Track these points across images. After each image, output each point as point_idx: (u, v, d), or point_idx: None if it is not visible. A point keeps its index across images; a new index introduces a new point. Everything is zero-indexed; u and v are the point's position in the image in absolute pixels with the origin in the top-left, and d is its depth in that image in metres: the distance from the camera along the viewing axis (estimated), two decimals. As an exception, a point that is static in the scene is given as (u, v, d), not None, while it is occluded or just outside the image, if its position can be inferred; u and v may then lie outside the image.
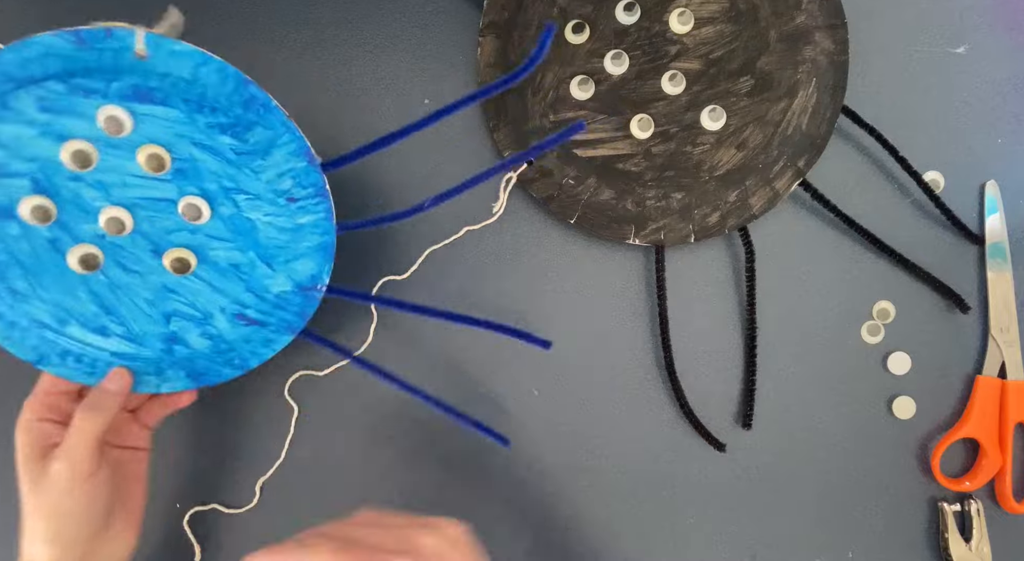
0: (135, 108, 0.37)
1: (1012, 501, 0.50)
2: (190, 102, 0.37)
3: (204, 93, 0.37)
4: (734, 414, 0.52)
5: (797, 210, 0.52)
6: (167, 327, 0.42)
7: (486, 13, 0.50)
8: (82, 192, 0.38)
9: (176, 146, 0.38)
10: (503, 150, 0.51)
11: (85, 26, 0.35)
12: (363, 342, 0.52)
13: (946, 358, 0.52)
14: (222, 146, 0.38)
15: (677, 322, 0.52)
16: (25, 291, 0.39)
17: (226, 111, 0.38)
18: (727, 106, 0.49)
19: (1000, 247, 0.51)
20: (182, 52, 0.36)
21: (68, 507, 0.40)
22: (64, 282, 0.39)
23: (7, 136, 0.37)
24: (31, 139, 0.37)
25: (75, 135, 0.37)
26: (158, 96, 0.37)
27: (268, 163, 0.39)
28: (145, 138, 0.38)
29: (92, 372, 0.42)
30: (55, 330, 0.40)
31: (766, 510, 0.52)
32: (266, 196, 0.40)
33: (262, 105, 0.38)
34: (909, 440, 0.52)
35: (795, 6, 0.48)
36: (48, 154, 0.37)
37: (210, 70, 0.37)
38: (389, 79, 0.53)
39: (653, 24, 0.49)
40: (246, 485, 0.52)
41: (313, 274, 0.42)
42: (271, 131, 0.39)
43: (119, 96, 0.37)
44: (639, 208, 0.50)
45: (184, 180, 0.39)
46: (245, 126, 0.38)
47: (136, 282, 0.41)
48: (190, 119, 0.38)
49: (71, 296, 0.40)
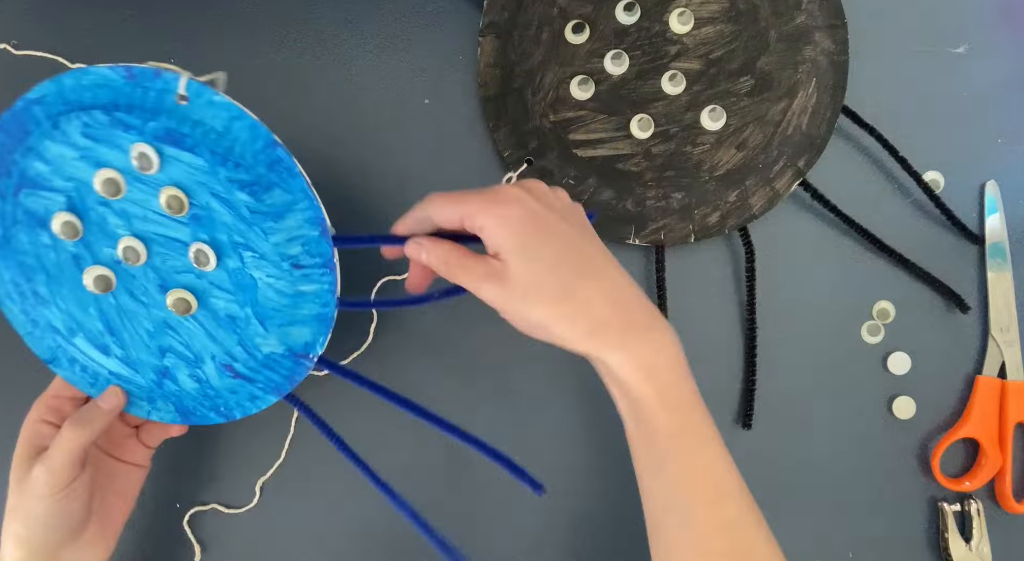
0: (165, 150, 0.38)
1: (1012, 501, 0.50)
2: (216, 154, 0.38)
3: (232, 147, 0.38)
4: (734, 414, 0.52)
5: (797, 210, 0.52)
6: (161, 361, 0.42)
7: (486, 13, 0.50)
8: (107, 218, 0.40)
9: (196, 193, 0.39)
10: (503, 150, 0.51)
11: (139, 64, 0.38)
12: (363, 342, 0.52)
13: (946, 358, 0.52)
14: (238, 202, 0.39)
15: (677, 322, 0.51)
16: (46, 296, 0.41)
17: (249, 168, 0.38)
18: (727, 106, 0.49)
19: (1000, 247, 0.51)
20: (219, 103, 0.38)
21: (40, 512, 0.40)
22: (79, 296, 0.41)
23: (52, 154, 0.39)
24: (71, 160, 0.39)
25: (109, 164, 0.39)
26: (188, 143, 0.38)
27: (280, 226, 0.39)
28: (169, 179, 0.39)
29: (94, 383, 0.43)
30: (65, 338, 0.42)
31: (766, 510, 0.52)
32: (271, 258, 0.40)
33: (286, 169, 0.39)
34: (909, 440, 0.52)
35: (795, 6, 0.48)
36: (83, 177, 0.39)
37: (243, 126, 0.38)
38: (389, 79, 0.53)
39: (653, 24, 0.49)
40: (246, 485, 0.52)
41: (307, 342, 0.42)
42: (289, 195, 0.39)
43: (153, 136, 0.38)
44: (639, 208, 0.50)
45: (198, 226, 0.39)
46: (264, 187, 0.39)
47: (141, 312, 0.41)
48: (212, 170, 0.38)
49: (82, 311, 0.41)
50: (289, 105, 0.53)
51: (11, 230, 0.40)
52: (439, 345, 0.52)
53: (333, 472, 0.52)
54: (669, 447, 0.38)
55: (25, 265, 0.41)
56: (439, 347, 0.52)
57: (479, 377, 0.52)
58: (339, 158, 0.53)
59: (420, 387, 0.52)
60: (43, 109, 0.39)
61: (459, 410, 0.52)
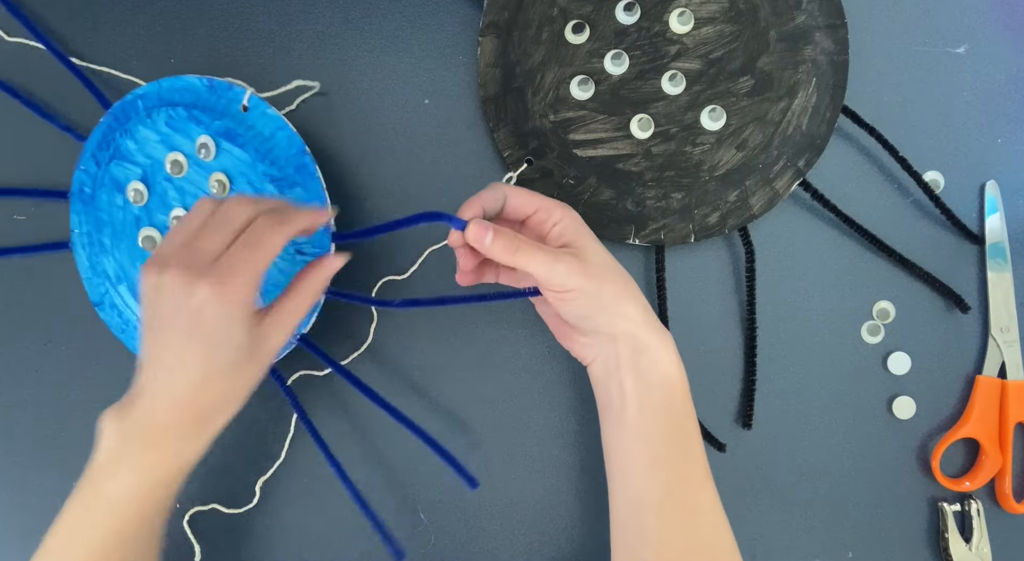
0: (222, 143, 0.47)
1: (1012, 501, 0.50)
2: (259, 152, 0.47)
3: (272, 149, 0.47)
4: (734, 414, 0.52)
5: (797, 210, 0.52)
6: None
7: (486, 13, 0.50)
8: (168, 191, 0.48)
9: (236, 180, 0.47)
10: (503, 150, 0.51)
11: (219, 78, 0.48)
12: (364, 342, 0.52)
13: (946, 358, 0.52)
14: (266, 192, 0.47)
15: (677, 322, 0.52)
16: (108, 247, 0.50)
17: (281, 167, 0.47)
18: (727, 106, 0.49)
19: (1000, 247, 0.51)
20: (270, 116, 0.48)
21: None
22: (131, 250, 0.49)
23: (141, 136, 0.48)
24: (154, 142, 0.48)
25: (179, 149, 0.48)
26: (240, 140, 0.47)
27: None
28: (220, 167, 0.47)
29: (124, 329, 0.51)
30: (112, 284, 0.50)
31: (766, 510, 0.52)
32: None
33: (309, 173, 0.47)
34: (909, 440, 0.52)
35: (795, 6, 0.48)
36: (159, 156, 0.48)
37: (284, 135, 0.48)
38: (389, 79, 0.53)
39: (653, 24, 0.49)
40: (246, 485, 0.52)
41: None
42: (307, 194, 0.47)
43: (216, 132, 0.47)
44: (639, 208, 0.50)
45: None
46: (289, 184, 0.47)
47: None
48: (253, 164, 0.47)
49: (131, 263, 0.49)
50: (289, 105, 0.53)
51: (98, 191, 0.49)
52: (439, 346, 0.52)
53: (333, 472, 0.52)
54: (691, 433, 0.42)
55: (100, 220, 0.50)
56: (439, 348, 0.52)
57: (479, 378, 0.52)
58: (339, 158, 0.53)
59: (420, 388, 0.52)
60: (144, 102, 0.49)
61: (459, 411, 0.53)
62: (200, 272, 0.37)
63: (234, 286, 0.37)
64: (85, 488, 0.40)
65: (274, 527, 0.52)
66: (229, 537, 0.52)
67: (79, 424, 0.53)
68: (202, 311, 0.37)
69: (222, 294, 0.37)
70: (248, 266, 0.38)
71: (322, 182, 0.47)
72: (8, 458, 0.55)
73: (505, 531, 0.52)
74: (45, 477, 0.54)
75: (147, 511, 0.40)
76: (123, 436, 0.39)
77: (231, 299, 0.37)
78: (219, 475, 0.52)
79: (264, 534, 0.52)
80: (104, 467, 0.39)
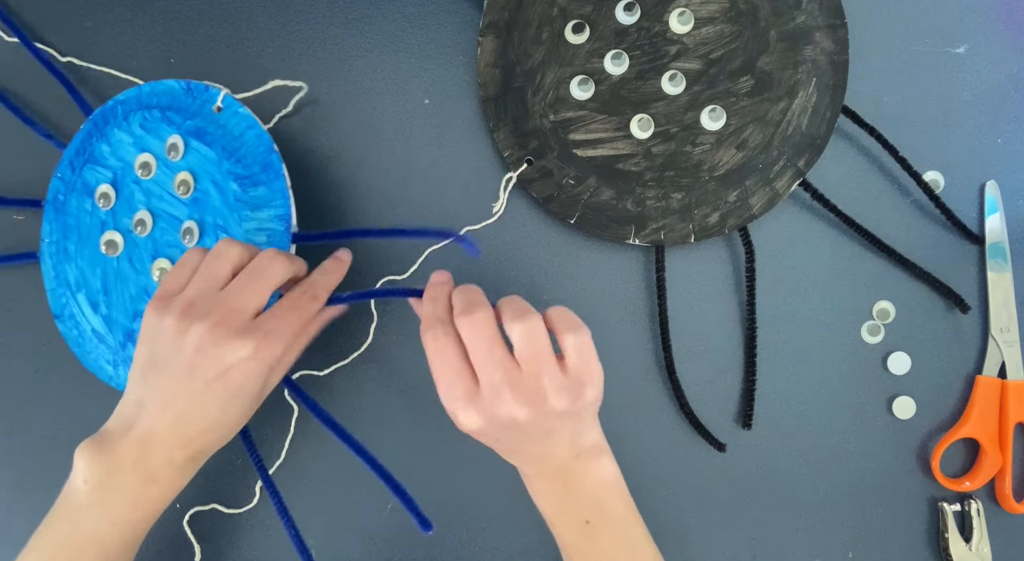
0: (191, 142, 0.46)
1: (1012, 501, 0.50)
2: (225, 150, 0.46)
3: (239, 147, 0.47)
4: (734, 414, 0.52)
5: (797, 210, 0.52)
6: (132, 323, 0.47)
7: (486, 13, 0.50)
8: (135, 194, 0.47)
9: (201, 179, 0.46)
10: (503, 150, 0.51)
11: (207, 81, 0.49)
12: (364, 342, 0.52)
13: (946, 358, 0.52)
14: (228, 190, 0.46)
15: (677, 322, 0.52)
16: (72, 253, 0.48)
17: (247, 165, 0.47)
18: (727, 106, 0.49)
19: (1000, 247, 0.51)
20: (241, 114, 0.48)
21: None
22: (92, 256, 0.48)
23: (116, 139, 0.48)
24: (127, 145, 0.48)
25: (150, 150, 0.47)
26: (208, 139, 0.46)
27: (254, 216, 0.46)
28: (186, 166, 0.47)
29: (80, 342, 0.49)
30: (72, 292, 0.48)
31: (766, 510, 0.52)
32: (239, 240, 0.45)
33: (275, 172, 0.47)
34: (909, 440, 0.52)
35: (795, 6, 0.48)
36: (130, 159, 0.47)
37: (253, 133, 0.47)
38: (389, 79, 0.53)
39: (653, 24, 0.49)
40: (246, 485, 0.52)
41: None
42: (270, 194, 0.47)
43: (186, 131, 0.47)
44: (639, 208, 0.50)
45: (195, 207, 0.46)
46: (253, 182, 0.46)
47: (131, 277, 0.47)
48: (219, 162, 0.46)
49: (91, 269, 0.48)
50: (289, 105, 0.53)
51: (70, 196, 0.49)
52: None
53: (333, 472, 0.52)
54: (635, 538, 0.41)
55: (67, 225, 0.49)
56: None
57: (479, 377, 0.52)
58: (339, 158, 0.53)
59: (420, 388, 0.52)
60: (123, 107, 0.49)
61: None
62: (240, 330, 0.38)
63: (271, 349, 0.38)
64: (65, 520, 0.39)
65: (274, 527, 0.52)
66: (229, 537, 0.52)
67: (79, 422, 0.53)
68: (232, 368, 0.38)
69: (257, 358, 0.38)
70: (285, 329, 0.39)
71: (287, 181, 0.47)
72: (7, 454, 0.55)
73: (505, 531, 0.52)
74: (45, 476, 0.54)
75: (131, 539, 0.40)
76: (111, 469, 0.39)
77: (265, 361, 0.38)
78: (219, 475, 0.52)
79: (264, 534, 0.52)
80: (88, 499, 0.39)
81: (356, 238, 0.51)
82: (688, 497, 0.52)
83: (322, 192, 0.53)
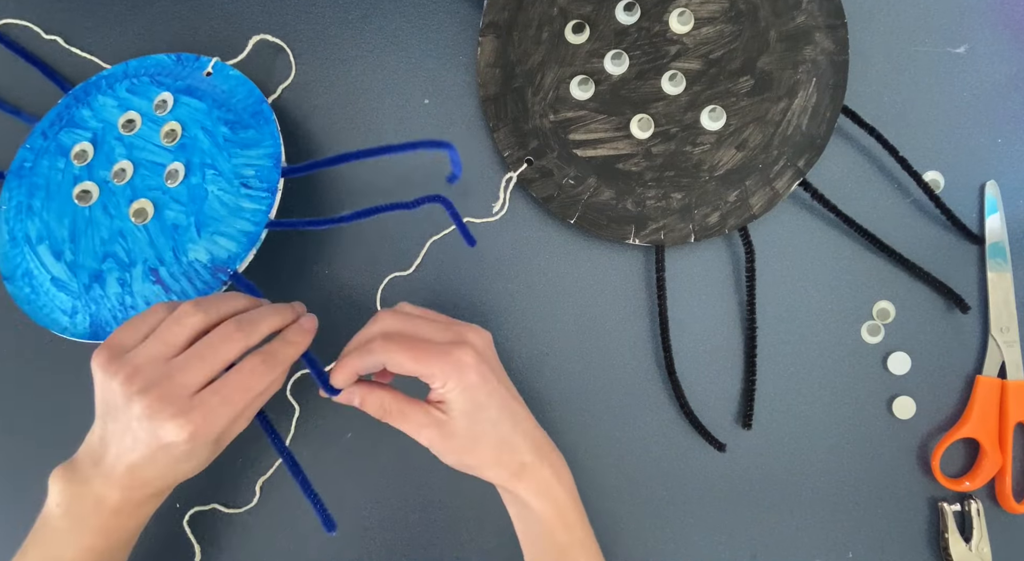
0: (180, 98, 0.48)
1: (1012, 501, 0.50)
2: (215, 101, 0.47)
3: (229, 99, 0.48)
4: (734, 414, 0.52)
5: (797, 210, 0.52)
6: (100, 265, 0.47)
7: (486, 13, 0.50)
8: (115, 148, 0.48)
9: (189, 127, 0.47)
10: (503, 150, 0.51)
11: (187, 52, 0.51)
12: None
13: (946, 358, 0.52)
14: (218, 133, 0.47)
15: (677, 322, 0.52)
16: (36, 209, 0.48)
17: (237, 113, 0.47)
18: (727, 106, 0.49)
19: (1000, 247, 0.51)
20: (232, 75, 0.50)
21: None
22: (60, 208, 0.47)
23: (98, 104, 0.49)
24: (110, 108, 0.49)
25: (136, 108, 0.48)
26: (198, 93, 0.48)
27: (244, 153, 0.47)
28: (175, 117, 0.47)
29: (32, 299, 0.48)
30: (32, 245, 0.48)
31: (766, 510, 0.52)
32: (228, 175, 0.46)
33: (265, 119, 0.48)
34: (909, 440, 0.52)
35: (795, 6, 0.48)
36: (113, 119, 0.48)
37: (245, 89, 0.49)
38: (389, 79, 0.53)
39: (653, 24, 0.49)
40: (246, 485, 0.52)
41: (230, 254, 0.46)
42: (259, 136, 0.47)
43: (175, 89, 0.48)
44: (639, 208, 0.50)
45: (181, 152, 0.47)
46: (243, 126, 0.47)
47: (104, 223, 0.47)
48: (209, 111, 0.47)
49: (58, 221, 0.47)
50: (289, 105, 0.53)
51: (40, 159, 0.49)
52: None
53: (333, 472, 0.52)
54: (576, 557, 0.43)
55: (34, 185, 0.48)
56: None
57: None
58: (339, 158, 0.53)
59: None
60: (107, 80, 0.50)
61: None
62: (178, 411, 0.37)
63: (207, 430, 0.38)
64: (41, 544, 0.40)
65: (274, 527, 0.52)
66: (229, 537, 0.52)
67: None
68: (172, 444, 0.38)
69: (194, 437, 0.37)
70: (226, 410, 0.38)
71: (277, 126, 0.47)
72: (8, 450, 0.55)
73: (505, 531, 0.52)
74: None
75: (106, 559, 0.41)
76: (76, 497, 0.39)
77: (202, 438, 0.38)
78: (219, 475, 0.52)
79: (264, 534, 0.52)
80: (61, 523, 0.39)
81: (345, 163, 0.48)
82: (688, 497, 0.52)
83: (320, 192, 0.53)
